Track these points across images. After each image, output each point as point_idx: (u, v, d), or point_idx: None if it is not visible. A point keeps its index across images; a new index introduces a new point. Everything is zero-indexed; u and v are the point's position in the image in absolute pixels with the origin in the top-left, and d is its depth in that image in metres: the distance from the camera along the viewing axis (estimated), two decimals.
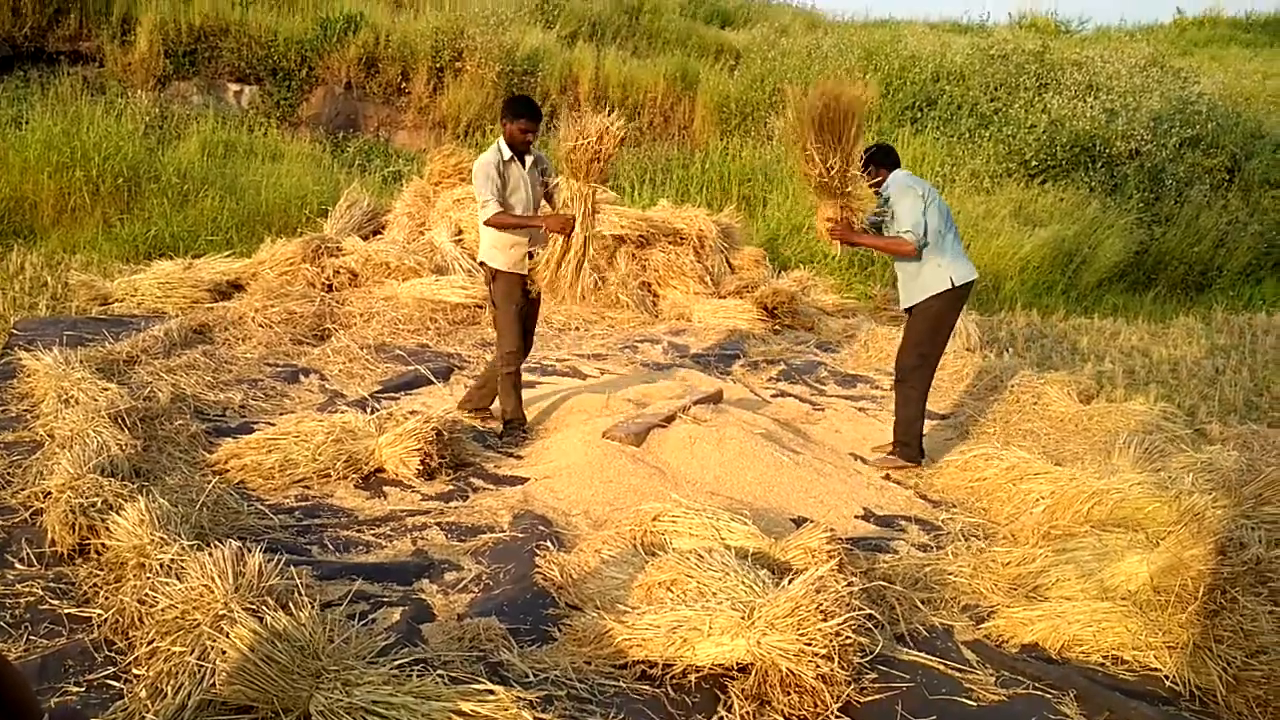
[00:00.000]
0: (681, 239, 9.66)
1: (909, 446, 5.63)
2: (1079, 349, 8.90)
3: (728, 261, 9.98)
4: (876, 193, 5.58)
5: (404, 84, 14.48)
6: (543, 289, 5.39)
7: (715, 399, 6.06)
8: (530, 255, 5.39)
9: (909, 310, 5.64)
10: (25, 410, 5.16)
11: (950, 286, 5.46)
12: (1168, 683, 3.42)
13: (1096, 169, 13.42)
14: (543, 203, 5.54)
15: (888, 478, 5.47)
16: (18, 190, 9.61)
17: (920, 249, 5.41)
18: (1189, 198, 13.44)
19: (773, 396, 6.91)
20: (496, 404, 5.78)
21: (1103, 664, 3.53)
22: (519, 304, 5.48)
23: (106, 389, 5.08)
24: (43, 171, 9.65)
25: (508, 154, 5.31)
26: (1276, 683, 3.32)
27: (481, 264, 5.60)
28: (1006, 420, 6.51)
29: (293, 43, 13.99)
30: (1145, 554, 3.84)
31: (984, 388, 7.05)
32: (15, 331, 6.61)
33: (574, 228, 5.15)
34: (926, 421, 5.89)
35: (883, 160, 5.65)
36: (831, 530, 3.90)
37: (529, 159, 5.39)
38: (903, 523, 4.84)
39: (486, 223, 5.28)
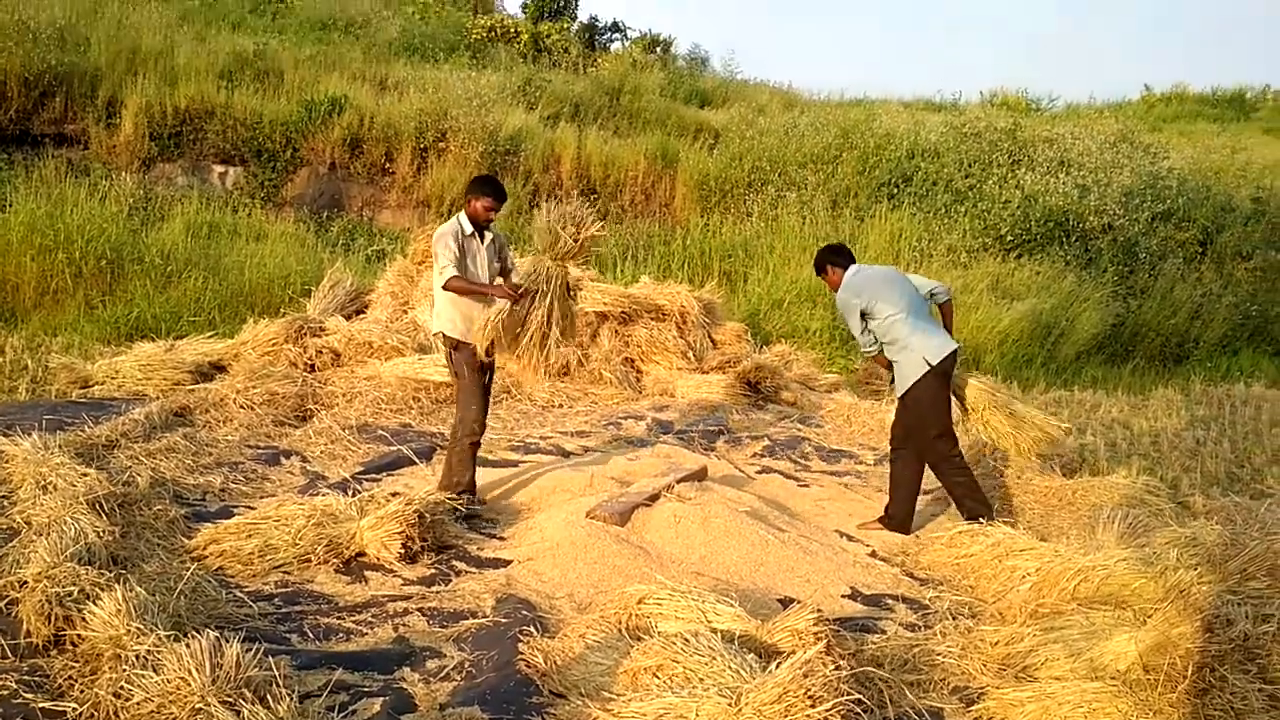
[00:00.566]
0: (664, 315, 9.73)
1: (894, 519, 5.70)
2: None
3: (710, 337, 10.04)
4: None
5: (388, 164, 14.67)
6: (495, 353, 5.40)
7: (699, 476, 6.05)
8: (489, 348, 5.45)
9: (901, 397, 5.70)
10: (2, 497, 5.08)
11: (928, 368, 5.53)
12: None
13: (1071, 243, 13.65)
14: (498, 279, 5.59)
15: (874, 554, 5.45)
16: (0, 273, 9.61)
17: (884, 348, 5.63)
18: (1163, 271, 13.66)
19: (757, 472, 6.90)
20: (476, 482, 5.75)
21: None
22: (479, 374, 5.51)
23: (85, 474, 5.01)
24: (25, 254, 9.67)
25: (469, 229, 5.41)
26: None
27: (438, 334, 5.61)
28: (991, 495, 6.51)
29: (278, 125, 14.18)
30: (1133, 632, 3.81)
31: (968, 461, 7.05)
32: None
33: (523, 297, 5.19)
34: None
35: (834, 262, 5.86)
36: (818, 611, 3.86)
37: (488, 235, 5.49)
38: (890, 601, 4.81)
39: (445, 287, 5.34)
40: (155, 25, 15.93)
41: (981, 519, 5.52)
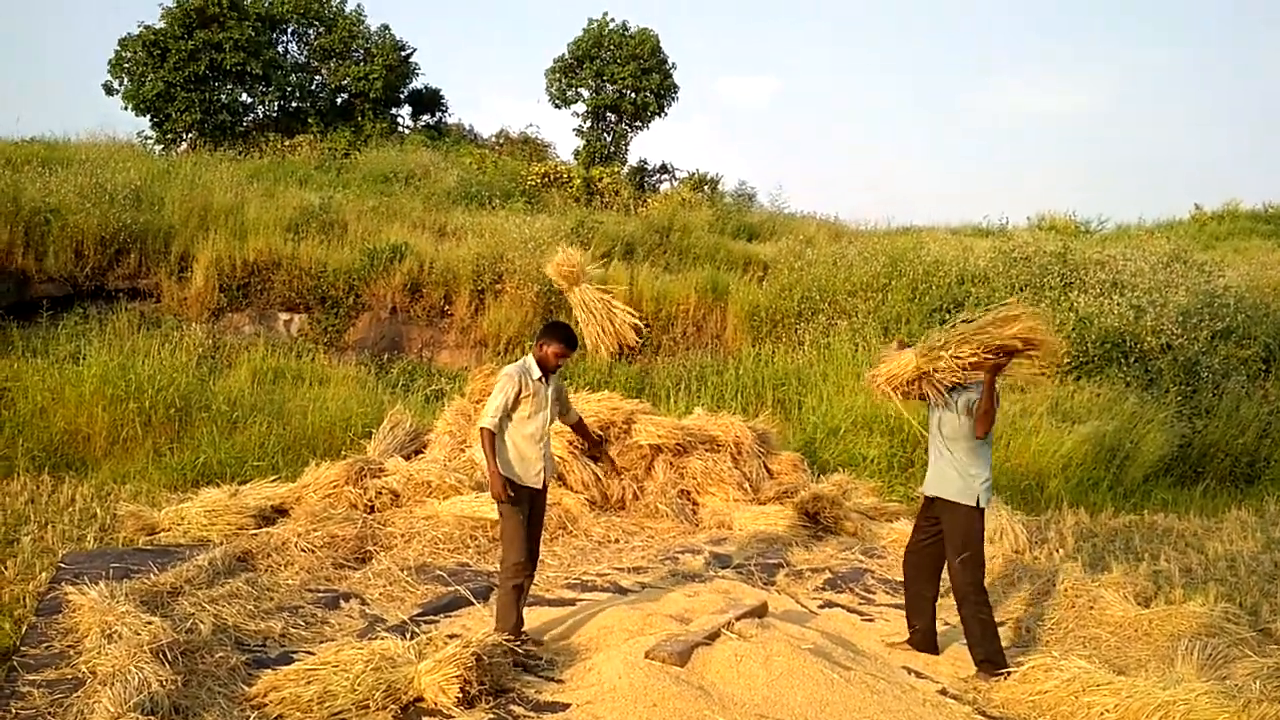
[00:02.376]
0: (719, 446, 9.72)
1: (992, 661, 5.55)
2: (1131, 547, 8.69)
3: (766, 467, 9.98)
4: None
5: (446, 306, 15.09)
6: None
7: (760, 612, 5.94)
8: (543, 479, 5.59)
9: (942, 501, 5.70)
10: (69, 646, 5.16)
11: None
12: None
13: (1130, 364, 13.48)
14: (555, 420, 5.77)
15: (944, 692, 5.27)
16: (72, 424, 9.93)
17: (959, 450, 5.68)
18: (1227, 389, 13.39)
19: (820, 607, 6.77)
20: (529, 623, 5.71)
21: None
22: (524, 514, 5.53)
23: (149, 623, 5.08)
24: (97, 405, 9.99)
25: (536, 373, 5.51)
26: None
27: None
28: (1063, 626, 6.31)
29: (341, 272, 14.71)
30: None
31: (1036, 592, 6.86)
32: (63, 565, 6.68)
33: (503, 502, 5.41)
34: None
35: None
36: None
37: (553, 379, 5.59)
38: None
39: (481, 427, 5.42)
40: (226, 184, 16.81)
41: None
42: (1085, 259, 15.96)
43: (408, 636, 5.29)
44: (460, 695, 4.70)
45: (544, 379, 5.57)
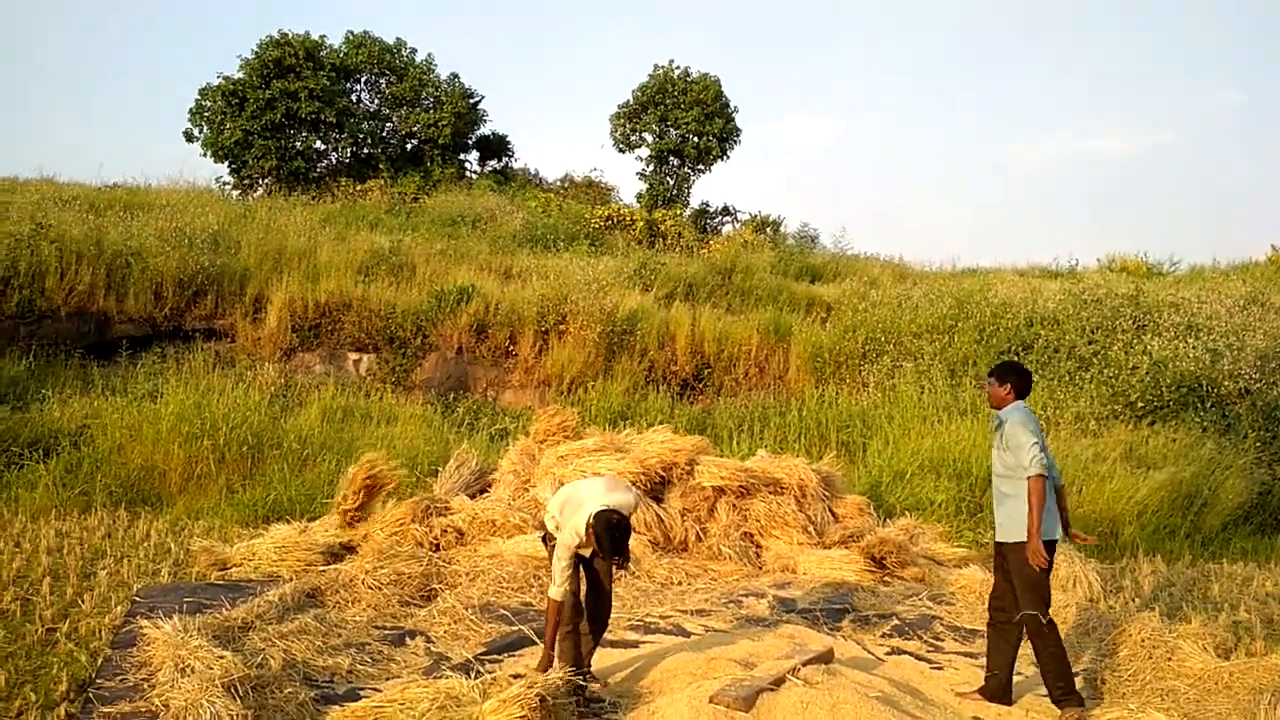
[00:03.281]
0: (782, 488, 9.64)
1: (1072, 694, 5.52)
2: (1210, 597, 8.41)
3: (830, 510, 9.88)
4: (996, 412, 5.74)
5: (511, 346, 15.27)
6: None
7: (826, 658, 5.85)
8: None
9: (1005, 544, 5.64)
10: (143, 679, 5.27)
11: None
12: None
13: (1206, 409, 13.12)
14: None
15: None
16: (149, 460, 10.21)
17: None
18: None
19: (887, 654, 6.65)
20: (593, 660, 5.70)
21: None
22: (577, 564, 5.50)
23: (221, 657, 5.17)
24: (174, 442, 10.27)
25: (585, 549, 5.43)
26: None
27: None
28: (1140, 678, 6.12)
29: (409, 314, 15.00)
30: None
31: (1112, 642, 6.66)
32: (137, 599, 6.84)
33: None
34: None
35: (1015, 381, 5.88)
36: None
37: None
38: None
39: (550, 598, 5.44)
40: (300, 228, 17.30)
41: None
42: (1158, 301, 15.65)
43: (472, 675, 5.32)
44: None
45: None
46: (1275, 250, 27.73)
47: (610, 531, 5.27)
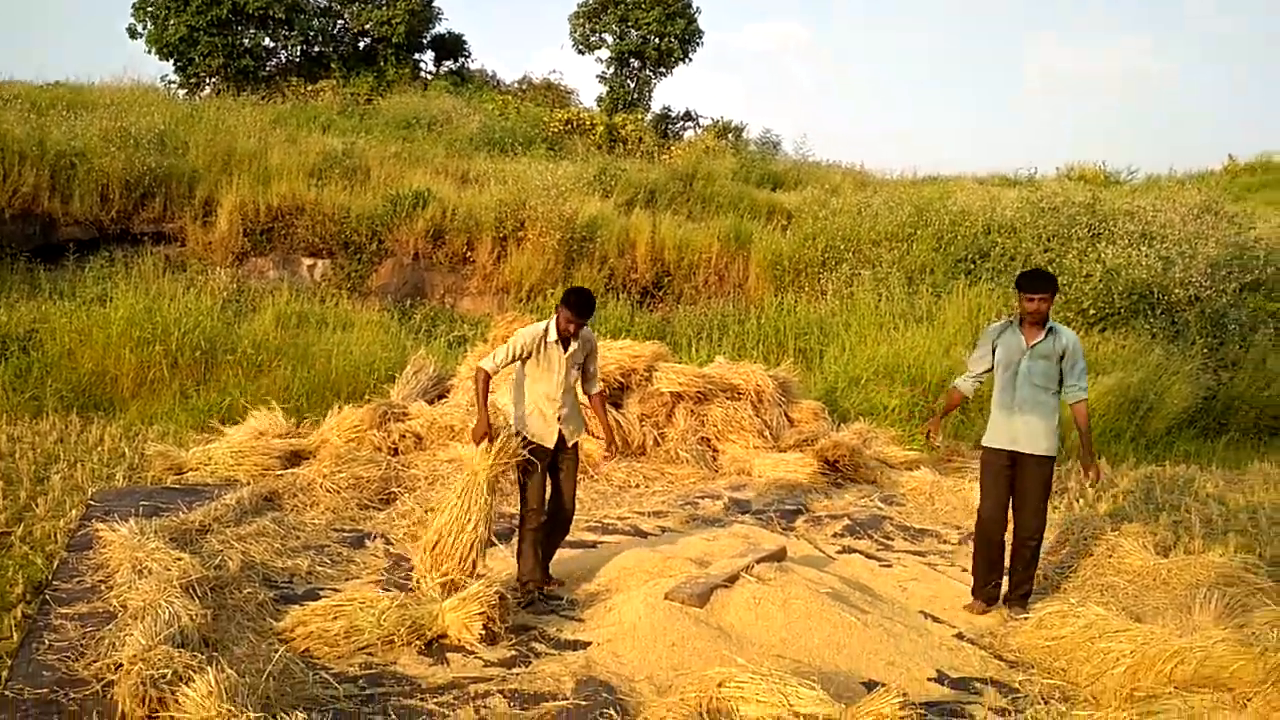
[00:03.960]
0: (739, 394, 9.73)
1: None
2: (1152, 498, 8.67)
3: (786, 415, 10.00)
4: (1039, 327, 5.58)
5: (469, 253, 15.09)
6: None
7: (779, 557, 5.98)
8: (561, 434, 5.56)
9: (1045, 457, 5.66)
10: (100, 581, 5.27)
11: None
12: None
13: (1156, 316, 13.35)
14: (575, 388, 5.76)
15: (961, 636, 5.31)
16: (100, 365, 10.06)
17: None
18: (1254, 342, 13.25)
19: (838, 553, 6.81)
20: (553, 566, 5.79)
21: None
22: (542, 463, 5.56)
23: (179, 559, 5.18)
24: (124, 347, 10.11)
25: (553, 335, 5.51)
26: None
27: (512, 428, 5.66)
28: (1082, 574, 6.34)
29: (364, 218, 14.73)
30: (1233, 715, 3.66)
31: (1056, 540, 6.86)
32: (92, 502, 6.81)
33: (486, 441, 5.34)
34: (1003, 577, 5.81)
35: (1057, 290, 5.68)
36: (904, 695, 3.79)
37: (573, 344, 5.57)
38: (978, 685, 4.68)
39: (478, 366, 5.50)
40: (249, 129, 16.81)
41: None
42: (1114, 210, 15.74)
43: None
44: (483, 632, 4.78)
45: (560, 343, 5.57)
46: (1232, 160, 27.98)
47: (578, 292, 5.51)
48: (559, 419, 5.58)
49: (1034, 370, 5.61)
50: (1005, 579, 5.79)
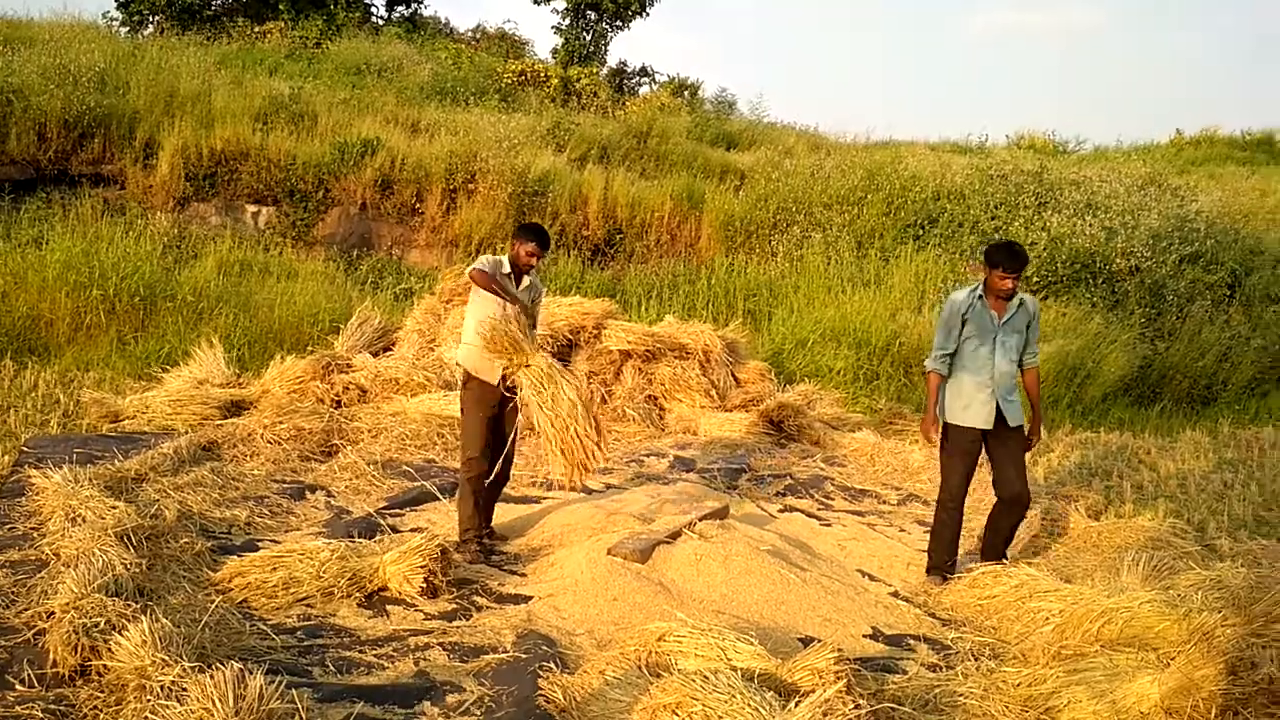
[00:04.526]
0: (687, 353, 9.77)
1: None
2: (1086, 463, 8.88)
3: (733, 375, 10.06)
4: (1005, 300, 5.48)
5: (418, 204, 14.86)
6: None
7: (721, 514, 6.05)
8: (505, 379, 5.41)
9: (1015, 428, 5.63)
10: (32, 528, 5.17)
11: None
12: None
13: (1098, 285, 13.59)
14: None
15: (896, 595, 5.42)
16: (35, 309, 9.79)
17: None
18: (1191, 313, 13.56)
19: (779, 511, 6.89)
20: (496, 518, 5.79)
21: None
22: (488, 413, 5.52)
23: (114, 507, 5.10)
24: (60, 291, 9.85)
25: (507, 268, 5.47)
26: None
27: (457, 364, 5.65)
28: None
29: (310, 166, 14.41)
30: (1156, 674, 3.78)
31: (990, 503, 7.00)
32: (26, 449, 6.66)
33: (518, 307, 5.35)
34: (929, 538, 5.91)
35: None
36: (839, 650, 3.86)
37: (525, 280, 5.55)
38: (911, 642, 4.78)
39: (469, 274, 5.43)
40: (193, 69, 16.31)
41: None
42: (1061, 179, 15.95)
43: (373, 529, 5.36)
44: (424, 585, 4.77)
45: (514, 277, 5.53)
46: (1178, 133, 28.41)
47: (537, 226, 5.55)
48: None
49: (1008, 344, 5.52)
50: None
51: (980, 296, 5.53)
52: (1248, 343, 13.37)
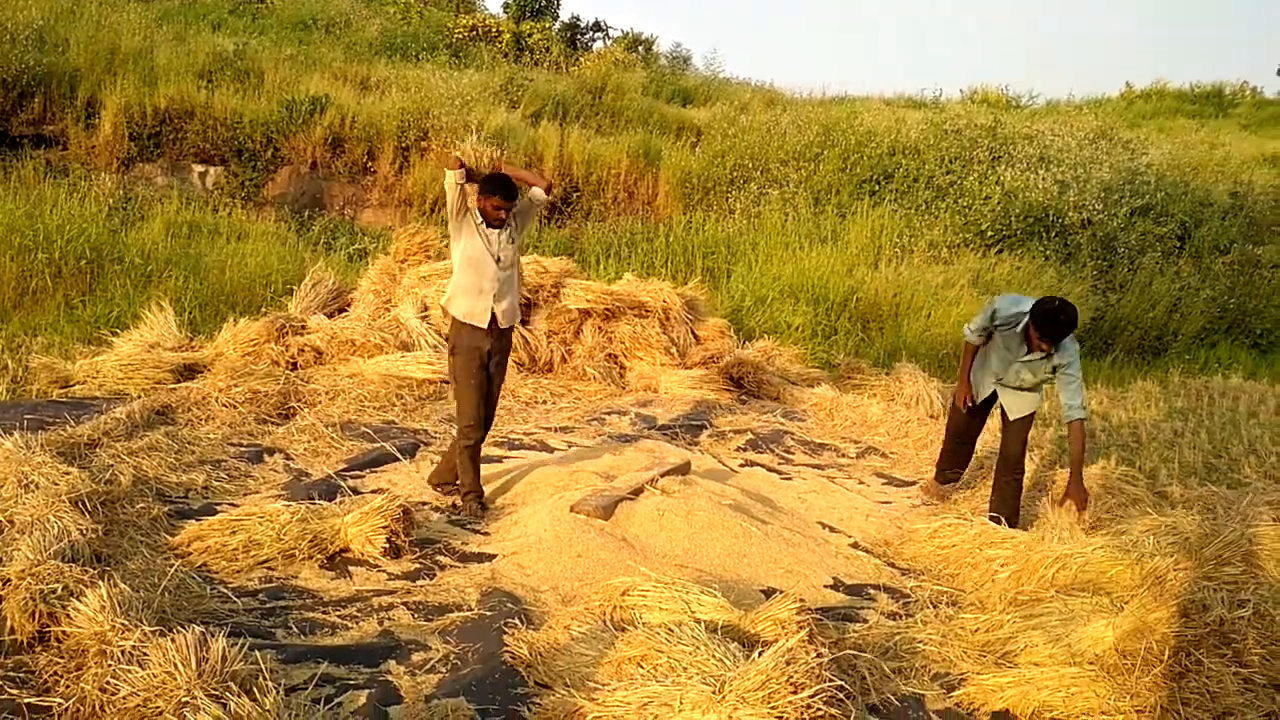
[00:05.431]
0: (647, 311, 9.75)
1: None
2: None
3: (693, 333, 10.07)
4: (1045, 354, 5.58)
5: (369, 163, 14.63)
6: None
7: (683, 470, 6.07)
8: (494, 315, 5.41)
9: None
10: None
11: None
12: None
13: (1051, 238, 13.74)
14: (515, 273, 5.63)
15: (857, 545, 5.49)
16: None
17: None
18: (1141, 265, 13.77)
19: (740, 466, 6.94)
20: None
21: None
22: (477, 377, 5.50)
23: (67, 473, 5.00)
24: (4, 254, 9.58)
25: (478, 218, 5.39)
26: None
27: (447, 315, 5.58)
28: (971, 486, 6.58)
29: (258, 124, 14.12)
30: (1110, 618, 3.87)
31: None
32: None
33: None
34: (895, 490, 5.99)
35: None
36: (801, 601, 3.90)
37: (504, 231, 5.46)
38: (872, 591, 4.85)
39: (445, 162, 5.48)
40: (134, 26, 15.86)
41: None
42: (1014, 133, 16.07)
43: (333, 491, 5.32)
44: (386, 546, 4.75)
45: (487, 228, 5.43)
46: (1128, 87, 28.69)
47: (498, 176, 5.44)
48: (493, 295, 5.42)
49: (1021, 372, 5.71)
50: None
51: (1020, 328, 5.61)
52: (1197, 294, 13.62)
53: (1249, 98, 28.08)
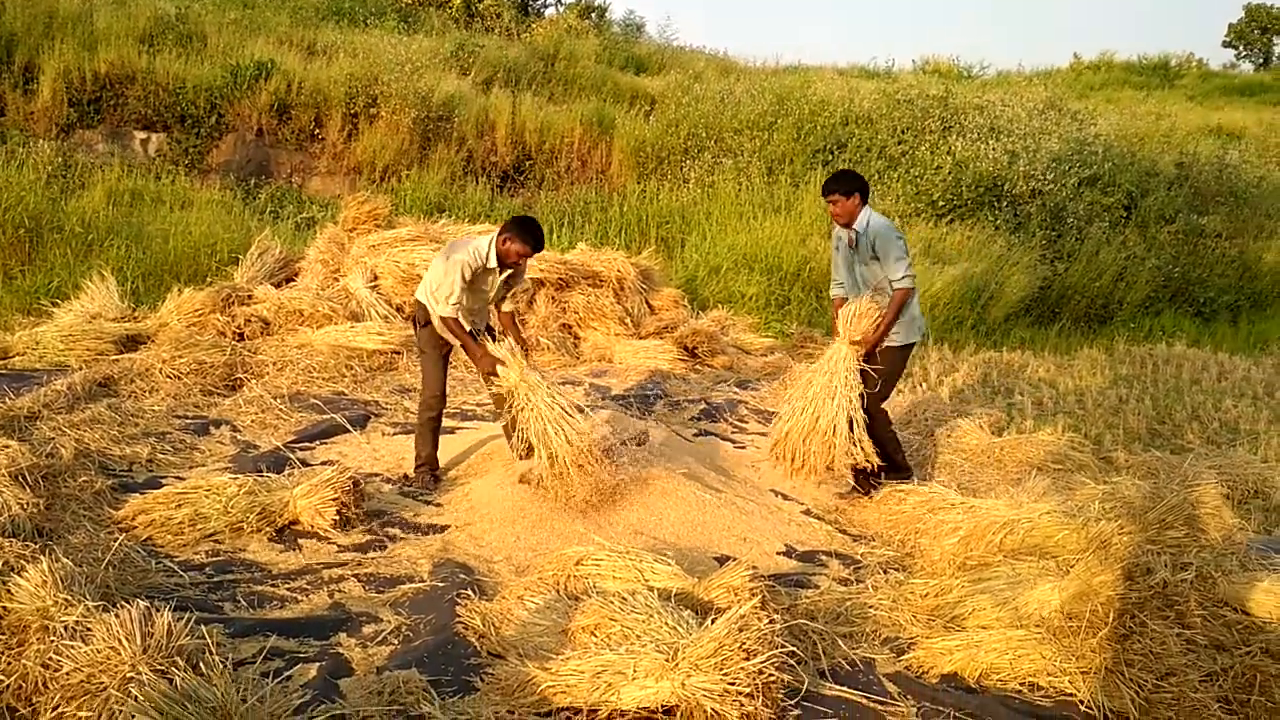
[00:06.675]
0: (601, 281, 9.70)
1: (901, 468, 5.74)
2: (990, 382, 9.14)
3: (647, 303, 10.04)
4: (844, 226, 5.44)
5: (317, 130, 14.36)
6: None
7: (639, 440, 6.06)
8: (475, 332, 5.40)
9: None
10: None
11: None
12: (1082, 708, 3.49)
13: (1001, 208, 13.87)
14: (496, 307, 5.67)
15: (808, 512, 5.53)
16: None
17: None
18: (1089, 235, 13.96)
19: (695, 435, 6.95)
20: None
21: (1020, 691, 3.59)
22: (446, 348, 5.49)
23: (7, 446, 4.87)
24: None
25: (491, 262, 5.28)
26: (1187, 704, 3.42)
27: (417, 303, 5.52)
28: (922, 453, 6.65)
29: (201, 90, 13.79)
30: (1056, 581, 3.93)
31: (899, 422, 7.17)
32: None
33: (501, 366, 5.04)
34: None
35: (858, 189, 5.37)
36: (754, 568, 3.92)
37: (504, 273, 5.41)
38: (823, 558, 4.89)
39: (442, 317, 5.24)
40: None
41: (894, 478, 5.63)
42: (965, 103, 16.15)
43: (281, 463, 5.24)
44: (337, 518, 4.70)
45: (498, 269, 5.36)
46: (1076, 58, 29.00)
47: (535, 226, 5.31)
48: (473, 313, 5.45)
49: (857, 274, 5.59)
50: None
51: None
52: (1142, 263, 13.84)
53: (1195, 69, 28.53)
